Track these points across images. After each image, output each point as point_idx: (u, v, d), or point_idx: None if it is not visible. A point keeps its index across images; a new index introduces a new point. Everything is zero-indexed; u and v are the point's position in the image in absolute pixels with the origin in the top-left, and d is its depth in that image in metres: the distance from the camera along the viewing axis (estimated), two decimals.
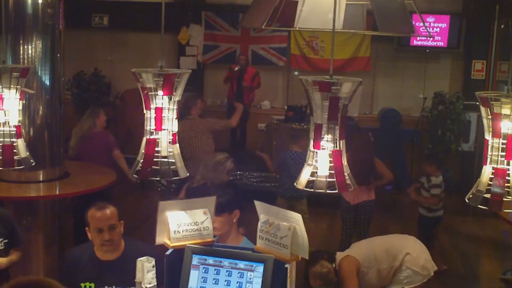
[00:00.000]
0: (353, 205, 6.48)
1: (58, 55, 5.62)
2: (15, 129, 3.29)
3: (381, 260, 4.78)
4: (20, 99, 3.31)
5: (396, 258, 4.76)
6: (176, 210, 3.14)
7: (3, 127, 3.26)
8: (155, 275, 3.16)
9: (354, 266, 4.68)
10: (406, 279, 4.74)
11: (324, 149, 2.50)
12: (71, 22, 6.74)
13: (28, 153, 3.35)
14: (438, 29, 10.18)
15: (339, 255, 4.76)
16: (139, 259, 3.14)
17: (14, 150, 3.27)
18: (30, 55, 5.43)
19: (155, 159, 2.79)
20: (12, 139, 3.27)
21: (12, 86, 3.24)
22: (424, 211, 6.91)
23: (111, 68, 11.20)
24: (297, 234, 2.89)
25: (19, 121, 3.32)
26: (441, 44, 10.30)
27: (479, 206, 2.52)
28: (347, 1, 3.37)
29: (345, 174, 2.51)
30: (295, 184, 2.60)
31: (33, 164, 3.43)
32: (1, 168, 3.31)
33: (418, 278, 4.75)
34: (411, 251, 4.80)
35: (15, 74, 3.24)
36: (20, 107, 3.33)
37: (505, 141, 2.45)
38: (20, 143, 3.31)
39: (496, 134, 2.45)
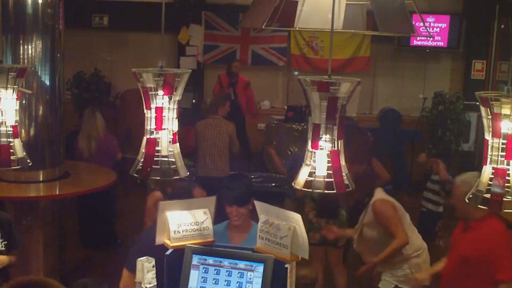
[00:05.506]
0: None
1: (58, 55, 5.62)
2: (12, 129, 3.28)
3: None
4: (17, 99, 3.30)
5: (410, 248, 4.57)
6: (176, 210, 3.15)
7: (0, 127, 3.25)
8: (155, 275, 3.16)
9: (393, 208, 4.64)
10: (402, 277, 4.64)
11: (322, 149, 2.50)
12: (71, 22, 6.73)
13: (24, 153, 3.34)
14: (438, 29, 10.17)
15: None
16: (139, 259, 3.14)
17: (11, 150, 3.27)
18: (30, 55, 5.42)
19: (155, 159, 2.80)
20: (9, 139, 3.26)
21: (9, 86, 3.23)
22: (430, 205, 7.03)
23: (111, 68, 11.19)
24: (297, 234, 2.89)
25: (16, 121, 3.31)
26: (441, 44, 10.29)
27: (479, 206, 2.52)
28: (347, 1, 3.37)
29: (343, 174, 2.51)
30: (293, 184, 2.60)
31: (30, 164, 3.42)
32: None
33: (409, 285, 4.62)
34: (424, 258, 4.65)
35: (12, 74, 3.23)
36: (17, 107, 3.33)
37: (505, 141, 2.44)
38: (17, 143, 3.30)
39: (496, 134, 2.45)
